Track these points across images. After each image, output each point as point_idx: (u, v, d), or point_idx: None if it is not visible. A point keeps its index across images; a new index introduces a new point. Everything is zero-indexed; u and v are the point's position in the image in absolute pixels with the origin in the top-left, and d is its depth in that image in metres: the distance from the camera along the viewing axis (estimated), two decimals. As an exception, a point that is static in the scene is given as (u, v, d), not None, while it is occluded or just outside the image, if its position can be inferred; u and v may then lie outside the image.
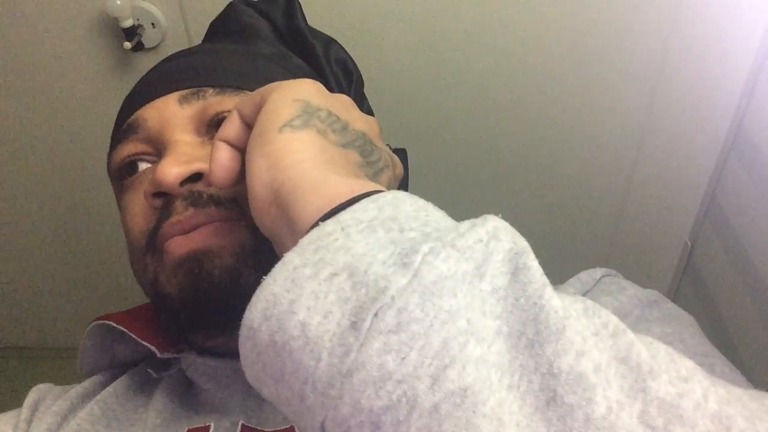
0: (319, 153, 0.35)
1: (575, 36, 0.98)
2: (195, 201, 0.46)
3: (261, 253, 0.46)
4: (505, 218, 0.31)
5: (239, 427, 0.47)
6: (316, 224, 0.29)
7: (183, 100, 0.50)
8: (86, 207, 1.29)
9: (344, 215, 0.28)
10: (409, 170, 0.57)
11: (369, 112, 0.66)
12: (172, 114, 0.50)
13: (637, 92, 1.02)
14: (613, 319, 0.26)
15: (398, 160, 0.46)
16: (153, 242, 0.47)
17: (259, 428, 0.47)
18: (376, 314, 0.24)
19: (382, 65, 1.03)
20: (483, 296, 0.25)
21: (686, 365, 0.25)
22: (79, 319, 1.50)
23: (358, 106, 0.64)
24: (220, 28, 0.67)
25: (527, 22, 0.97)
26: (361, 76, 0.67)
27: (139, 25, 1.02)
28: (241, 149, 0.41)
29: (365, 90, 0.68)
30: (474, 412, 0.23)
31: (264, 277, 0.28)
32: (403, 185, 0.59)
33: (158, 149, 0.50)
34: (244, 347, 0.28)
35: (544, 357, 0.24)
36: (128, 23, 1.00)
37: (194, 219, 0.45)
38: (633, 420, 0.23)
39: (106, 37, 1.06)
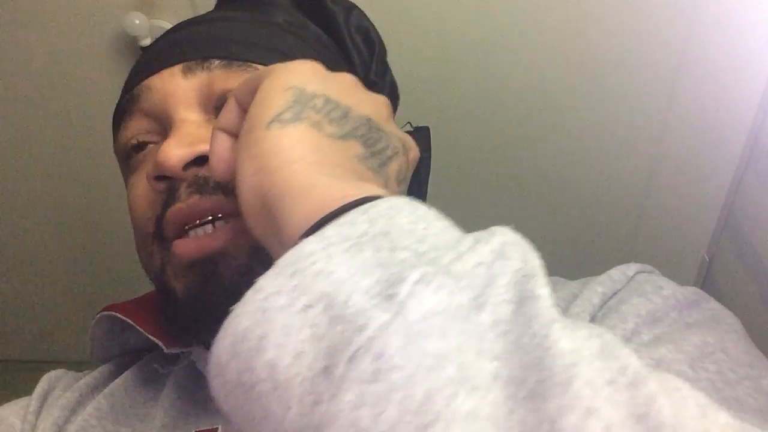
0: (311, 151, 0.31)
1: (591, 47, 0.98)
2: (200, 188, 0.44)
3: None
4: (521, 232, 0.27)
5: None
6: (299, 240, 0.26)
7: (187, 71, 0.48)
8: (82, 217, 1.29)
9: (329, 230, 0.25)
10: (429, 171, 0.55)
11: (392, 82, 0.63)
12: (177, 86, 0.48)
13: (654, 105, 1.02)
14: (634, 363, 0.21)
15: (412, 142, 0.41)
16: (160, 230, 0.46)
17: None
18: (350, 359, 0.21)
19: (406, 33, 1.03)
20: (480, 332, 0.22)
21: (719, 421, 0.21)
22: (78, 333, 1.50)
23: (381, 77, 0.60)
24: None
25: (544, 35, 0.97)
26: (384, 45, 0.62)
27: (157, 44, 1.04)
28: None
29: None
30: None
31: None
32: (425, 165, 0.55)
33: (163, 126, 0.48)
34: (215, 383, 0.26)
35: (547, 413, 0.20)
36: (147, 42, 1.01)
37: (199, 207, 0.44)
38: None
39: (126, 57, 1.07)
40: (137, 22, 0.98)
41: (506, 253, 0.24)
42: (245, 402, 0.24)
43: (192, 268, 0.44)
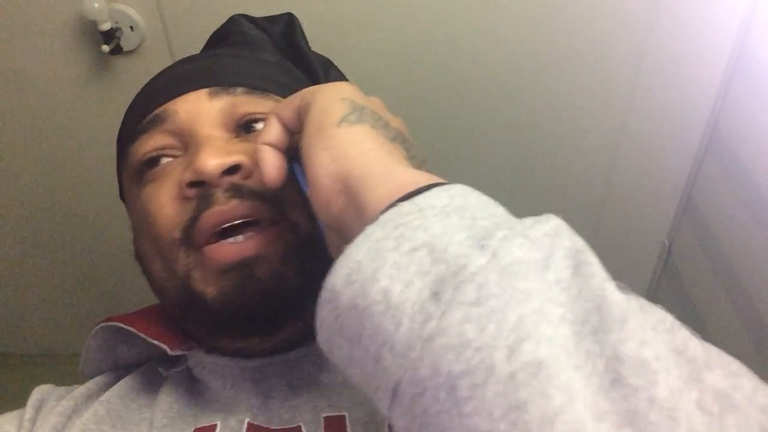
0: (380, 145, 0.37)
1: (555, 38, 0.99)
2: (238, 193, 0.46)
3: (302, 253, 0.47)
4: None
5: (245, 425, 0.47)
6: (393, 205, 0.30)
7: (213, 94, 0.51)
8: (66, 210, 1.28)
9: (419, 199, 0.30)
10: None
11: None
12: (203, 107, 0.51)
13: (615, 95, 1.03)
14: (669, 317, 0.27)
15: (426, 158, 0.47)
16: (189, 235, 0.47)
17: (264, 426, 0.47)
18: (457, 287, 0.26)
19: (371, 75, 1.03)
20: (548, 284, 0.26)
21: (736, 364, 0.27)
22: (71, 325, 1.48)
23: None
24: (222, 39, 0.68)
25: (509, 28, 0.98)
26: None
27: (118, 28, 1.02)
28: (282, 152, 0.43)
29: None
30: (549, 382, 0.24)
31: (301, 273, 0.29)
32: None
33: (185, 143, 0.50)
34: (323, 309, 0.30)
35: (608, 343, 0.25)
36: (106, 26, 0.99)
37: (239, 210, 0.46)
38: (691, 405, 0.24)
39: (84, 41, 1.05)
40: (96, 5, 0.96)
41: (560, 233, 0.29)
42: (356, 322, 0.28)
43: (227, 273, 0.46)
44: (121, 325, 0.52)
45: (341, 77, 0.68)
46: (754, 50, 0.91)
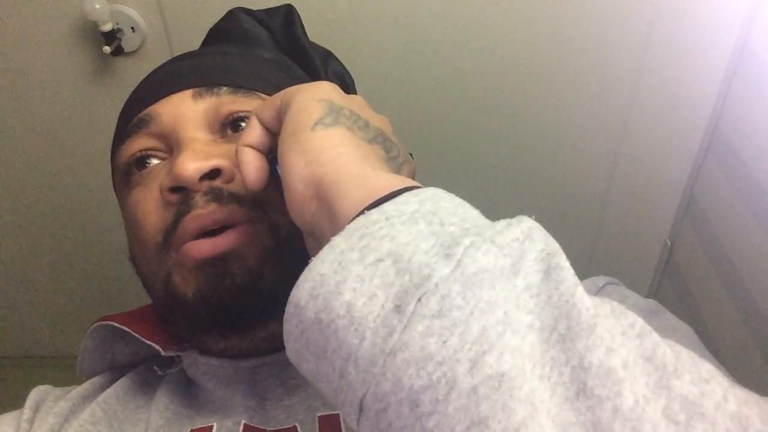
0: (354, 148, 0.36)
1: (557, 37, 0.99)
2: (217, 197, 0.46)
3: (281, 254, 0.46)
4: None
5: (241, 427, 0.47)
6: (361, 213, 0.30)
7: (197, 95, 0.51)
8: (67, 212, 1.28)
9: (387, 206, 0.29)
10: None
11: None
12: (186, 108, 0.50)
13: (616, 94, 1.03)
14: (639, 321, 0.27)
15: (411, 158, 0.46)
16: (170, 239, 0.47)
17: (261, 427, 0.47)
18: (419, 299, 0.25)
19: (371, 71, 1.03)
20: (517, 292, 0.26)
21: (707, 368, 0.26)
22: (70, 327, 1.48)
23: None
24: (220, 34, 0.68)
25: (511, 26, 0.98)
26: (356, 90, 0.67)
27: (119, 29, 1.02)
28: (263, 153, 0.43)
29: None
30: (510, 396, 0.23)
31: (282, 275, 0.28)
32: None
33: (170, 145, 0.50)
34: (289, 324, 0.29)
35: (575, 351, 0.25)
36: (107, 27, 1.00)
37: (217, 215, 0.45)
38: (657, 414, 0.24)
39: (86, 42, 1.05)
40: (98, 6, 0.96)
41: (532, 235, 0.28)
42: (320, 336, 0.27)
43: (203, 269, 0.45)
44: (116, 324, 0.52)
45: (341, 69, 0.67)
46: (755, 49, 0.91)
